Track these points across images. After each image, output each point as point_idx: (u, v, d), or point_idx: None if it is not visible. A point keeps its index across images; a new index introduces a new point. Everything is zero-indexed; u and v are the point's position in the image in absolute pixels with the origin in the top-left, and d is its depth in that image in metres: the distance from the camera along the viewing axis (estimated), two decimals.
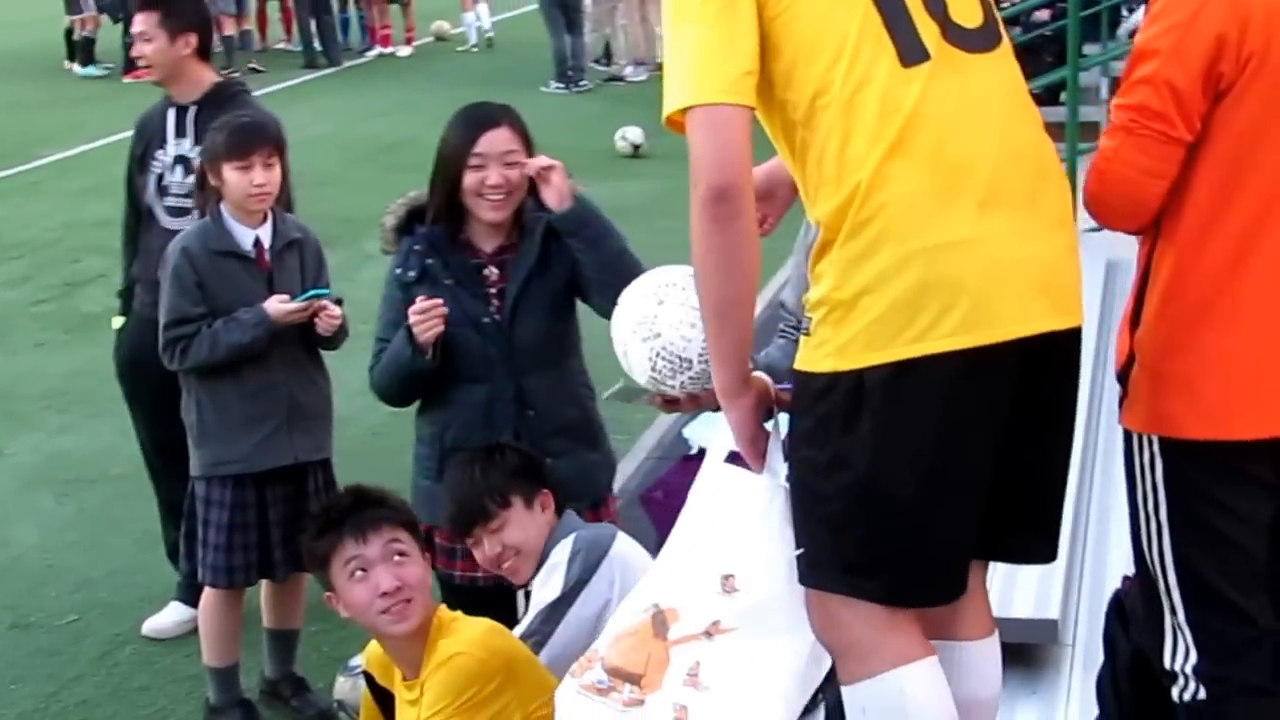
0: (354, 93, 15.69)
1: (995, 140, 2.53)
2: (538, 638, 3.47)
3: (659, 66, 14.71)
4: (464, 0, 18.54)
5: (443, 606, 3.42)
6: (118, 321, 5.42)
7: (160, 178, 5.12)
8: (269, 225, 4.44)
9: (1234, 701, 2.87)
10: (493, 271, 3.96)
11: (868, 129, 2.48)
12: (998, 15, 2.70)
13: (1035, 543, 2.79)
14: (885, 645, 2.58)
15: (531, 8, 20.96)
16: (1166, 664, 2.93)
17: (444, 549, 3.98)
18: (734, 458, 2.79)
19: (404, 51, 18.12)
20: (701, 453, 4.60)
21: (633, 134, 12.59)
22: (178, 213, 5.04)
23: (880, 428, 2.48)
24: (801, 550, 2.64)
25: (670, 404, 3.00)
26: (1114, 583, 4.20)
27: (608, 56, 16.29)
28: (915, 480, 2.50)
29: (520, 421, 3.93)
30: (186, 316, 4.39)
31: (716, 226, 2.50)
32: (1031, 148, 2.61)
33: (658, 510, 4.60)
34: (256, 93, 5.42)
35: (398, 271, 3.99)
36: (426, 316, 3.84)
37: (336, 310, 4.41)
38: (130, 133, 5.32)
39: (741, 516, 2.79)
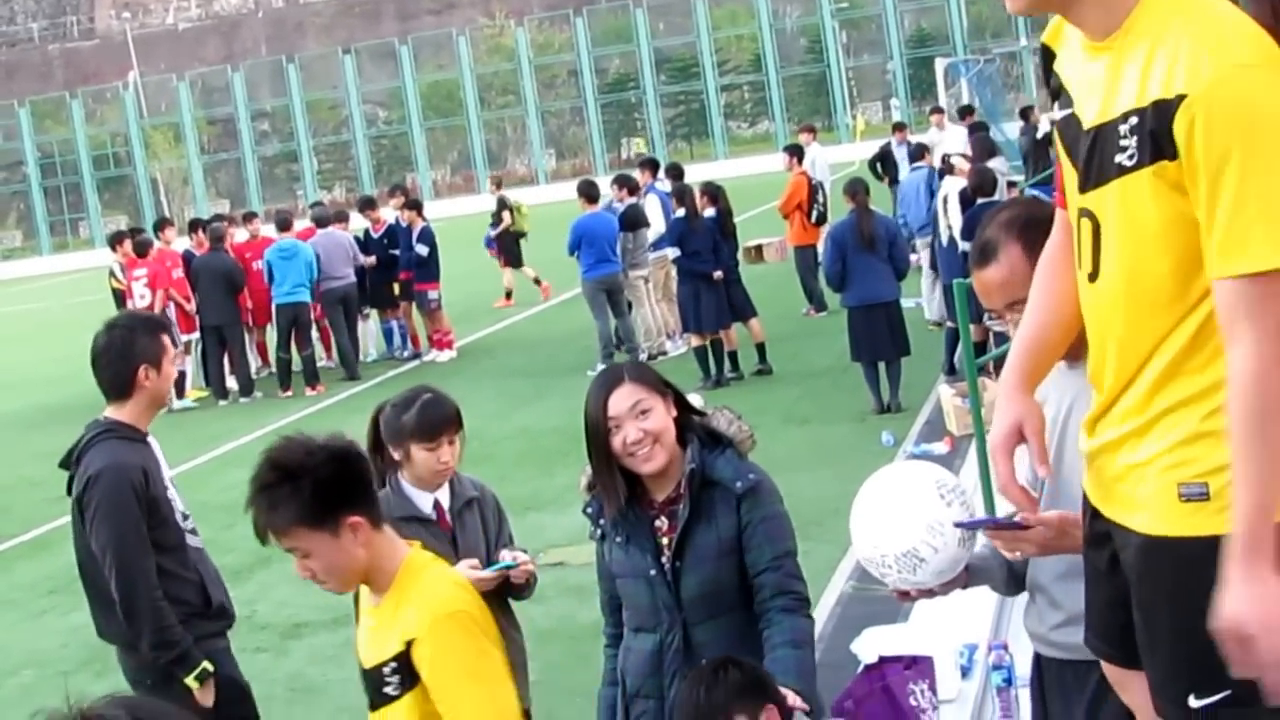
0: None
1: None
2: None
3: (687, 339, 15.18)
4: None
5: None
6: None
7: (178, 507, 4.99)
8: (446, 487, 4.67)
9: None
10: (663, 522, 4.05)
11: None
12: None
13: None
14: None
15: (555, 302, 21.65)
16: None
17: None
18: None
19: (444, 356, 18.50)
20: (874, 663, 4.74)
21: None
22: (194, 533, 5.02)
23: None
24: (1228, 691, 2.65)
25: (904, 595, 3.42)
26: None
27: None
28: None
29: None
30: None
31: None
32: None
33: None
34: (314, 408, 5.30)
35: (590, 530, 4.17)
36: None
37: (529, 566, 4.57)
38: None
39: None
